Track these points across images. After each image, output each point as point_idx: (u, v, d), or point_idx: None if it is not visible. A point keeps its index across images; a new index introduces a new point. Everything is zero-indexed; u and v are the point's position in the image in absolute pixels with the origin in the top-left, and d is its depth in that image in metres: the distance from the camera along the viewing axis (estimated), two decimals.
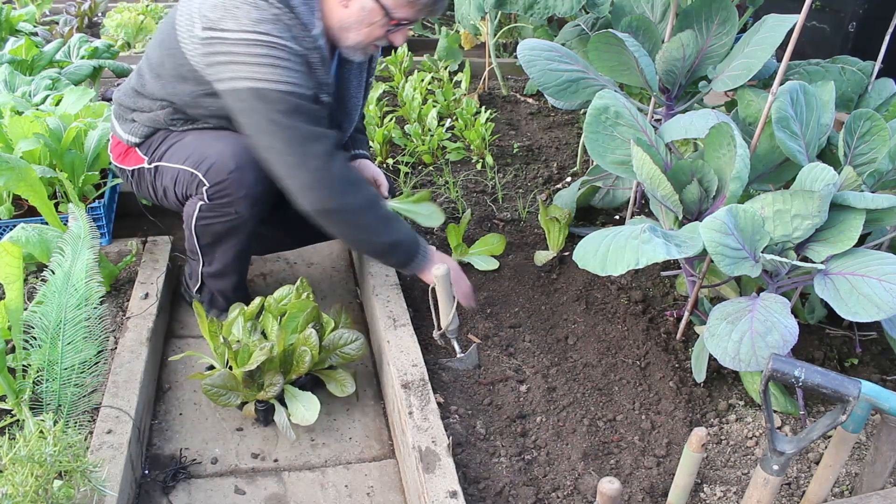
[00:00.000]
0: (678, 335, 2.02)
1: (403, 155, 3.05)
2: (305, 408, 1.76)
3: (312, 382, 1.89)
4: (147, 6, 4.87)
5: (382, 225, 1.87)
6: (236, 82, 1.71)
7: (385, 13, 1.75)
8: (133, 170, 2.02)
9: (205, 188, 1.84)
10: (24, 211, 2.26)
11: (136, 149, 1.99)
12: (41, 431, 1.34)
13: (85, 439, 1.41)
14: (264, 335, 1.88)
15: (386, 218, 1.88)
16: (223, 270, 2.03)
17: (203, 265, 2.03)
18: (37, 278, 1.99)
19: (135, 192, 2.14)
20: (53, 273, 1.65)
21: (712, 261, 1.56)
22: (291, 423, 1.76)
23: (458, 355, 1.96)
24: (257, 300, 1.93)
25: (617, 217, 2.68)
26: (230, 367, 1.83)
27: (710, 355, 1.75)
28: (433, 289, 1.92)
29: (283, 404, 1.79)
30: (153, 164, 1.96)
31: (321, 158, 1.76)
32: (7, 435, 1.42)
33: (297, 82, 1.73)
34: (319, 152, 1.75)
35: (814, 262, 1.56)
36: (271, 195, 1.87)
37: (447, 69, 3.87)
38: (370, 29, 1.79)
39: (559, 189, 2.84)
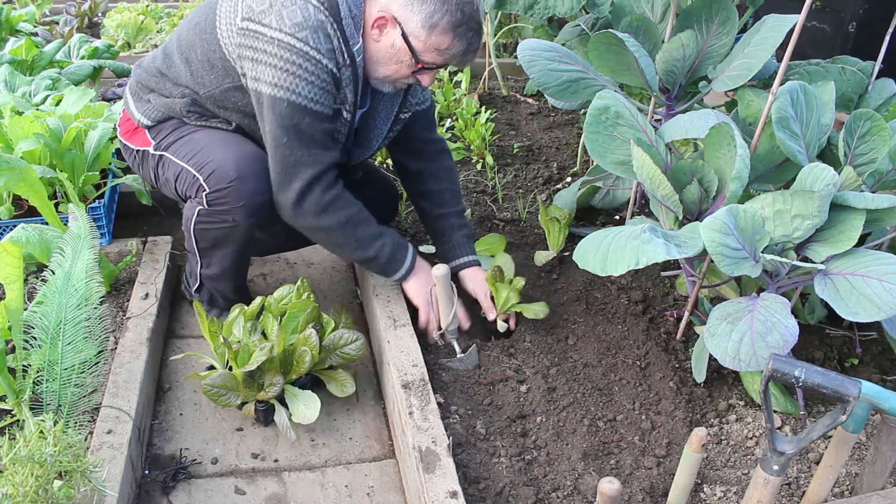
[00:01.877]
0: (678, 335, 2.02)
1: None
2: (306, 406, 1.76)
3: (312, 382, 1.89)
4: (147, 6, 4.87)
5: (355, 243, 1.90)
6: (259, 84, 1.72)
7: (413, 55, 1.74)
8: (138, 150, 2.01)
9: (204, 193, 1.83)
10: (24, 211, 2.26)
11: (146, 131, 1.98)
12: (41, 431, 1.34)
13: (85, 439, 1.41)
14: (264, 335, 1.88)
15: (360, 239, 1.90)
16: (221, 274, 2.03)
17: (201, 266, 2.03)
18: (37, 278, 1.98)
19: (134, 170, 2.13)
20: (53, 273, 1.65)
21: (712, 261, 1.56)
22: (292, 422, 1.76)
23: (458, 355, 1.96)
24: (258, 300, 1.93)
25: (617, 217, 2.68)
26: (230, 368, 1.83)
27: (710, 355, 1.75)
28: (433, 289, 1.92)
29: (284, 404, 1.79)
30: (158, 152, 1.94)
31: (303, 182, 1.79)
32: (7, 435, 1.42)
33: (315, 98, 1.73)
34: (305, 177, 1.79)
35: (814, 263, 1.56)
36: (270, 206, 1.87)
37: (447, 69, 3.87)
38: (398, 67, 1.78)
39: (559, 189, 2.84)
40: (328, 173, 1.83)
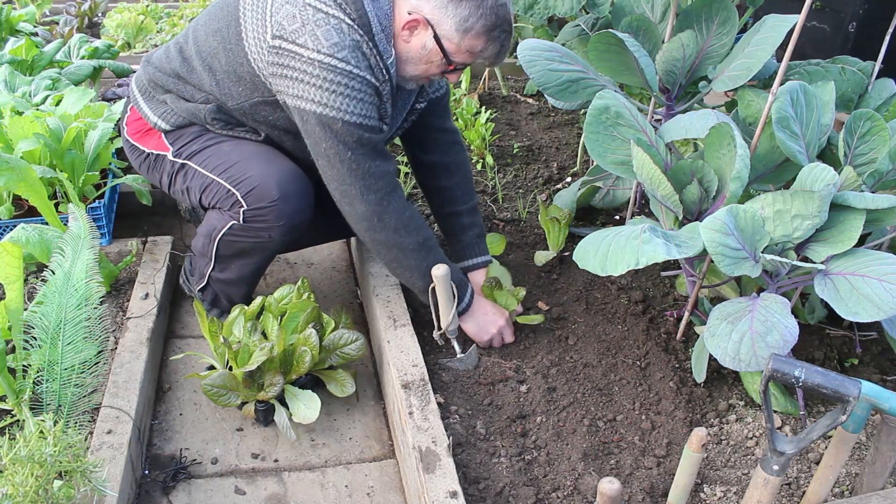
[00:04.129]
0: (678, 335, 2.02)
1: (404, 155, 3.05)
2: (306, 406, 1.76)
3: (312, 382, 1.89)
4: (147, 6, 4.87)
5: (426, 269, 1.88)
6: (302, 102, 1.68)
7: (444, 56, 1.73)
8: (151, 152, 1.96)
9: (242, 209, 1.80)
10: (24, 211, 2.26)
11: (163, 135, 1.94)
12: (41, 431, 1.34)
13: (85, 439, 1.41)
14: (264, 335, 1.88)
15: (431, 265, 1.88)
16: (237, 280, 2.01)
17: (214, 269, 2.01)
18: (37, 278, 1.98)
19: (137, 170, 2.09)
20: (53, 273, 1.65)
21: (712, 261, 1.56)
22: (292, 422, 1.76)
23: (458, 355, 1.96)
24: (258, 300, 1.93)
25: (617, 217, 2.68)
26: (230, 368, 1.83)
27: (710, 355, 1.75)
28: (433, 289, 1.92)
29: (284, 404, 1.79)
30: (180, 160, 1.90)
31: (380, 193, 1.77)
32: (7, 435, 1.42)
33: (366, 114, 1.71)
34: (379, 187, 1.77)
35: (814, 263, 1.56)
36: (308, 224, 1.87)
37: None
38: (427, 66, 1.77)
39: (559, 189, 2.84)
40: (399, 188, 1.83)
